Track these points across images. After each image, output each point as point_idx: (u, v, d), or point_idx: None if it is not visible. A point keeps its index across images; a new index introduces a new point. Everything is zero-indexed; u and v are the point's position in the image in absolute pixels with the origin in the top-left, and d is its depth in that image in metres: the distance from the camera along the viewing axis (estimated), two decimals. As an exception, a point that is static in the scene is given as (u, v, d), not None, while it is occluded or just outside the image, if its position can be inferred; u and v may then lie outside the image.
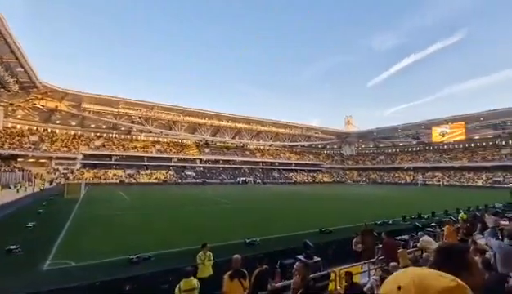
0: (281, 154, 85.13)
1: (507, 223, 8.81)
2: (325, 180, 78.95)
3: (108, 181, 52.35)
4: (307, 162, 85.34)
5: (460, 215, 12.74)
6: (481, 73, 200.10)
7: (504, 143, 62.25)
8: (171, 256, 9.10)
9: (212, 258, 7.15)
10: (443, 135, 68.67)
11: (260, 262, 4.99)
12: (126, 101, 59.97)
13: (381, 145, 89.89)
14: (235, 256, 4.89)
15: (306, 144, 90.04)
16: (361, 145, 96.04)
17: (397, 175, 74.71)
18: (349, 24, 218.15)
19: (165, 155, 65.99)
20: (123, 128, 67.15)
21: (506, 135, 61.79)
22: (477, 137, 66.59)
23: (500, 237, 5.50)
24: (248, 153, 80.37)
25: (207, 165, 70.57)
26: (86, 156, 56.26)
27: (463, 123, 64.70)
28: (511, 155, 58.27)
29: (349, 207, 23.53)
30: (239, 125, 76.02)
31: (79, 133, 62.64)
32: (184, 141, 75.40)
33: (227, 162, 73.50)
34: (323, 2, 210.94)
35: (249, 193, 36.41)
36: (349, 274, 5.17)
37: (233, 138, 79.97)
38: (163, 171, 61.92)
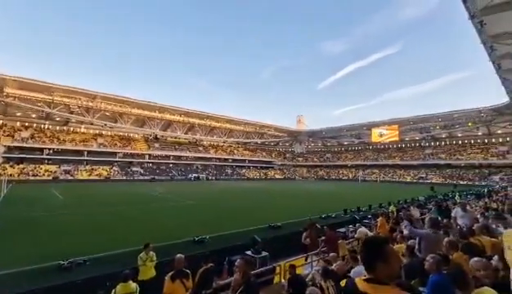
0: (235, 151, 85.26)
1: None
2: (277, 176, 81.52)
3: (39, 178, 46.05)
4: (260, 159, 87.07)
5: (391, 207, 14.25)
6: (414, 81, 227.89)
7: (427, 144, 71.91)
8: (110, 259, 8.33)
9: (155, 258, 6.75)
10: (381, 136, 76.56)
11: (205, 260, 4.85)
12: (63, 88, 52.56)
13: (328, 144, 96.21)
14: (178, 255, 4.67)
15: (259, 141, 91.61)
16: (310, 144, 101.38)
17: (341, 171, 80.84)
18: (303, 27, 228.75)
19: (109, 150, 60.68)
20: (58, 119, 59.52)
21: (429, 137, 71.51)
22: (407, 139, 75.57)
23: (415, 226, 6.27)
24: (201, 149, 78.61)
25: (156, 161, 66.99)
26: (10, 149, 48.60)
27: (397, 126, 72.89)
28: (432, 155, 67.65)
29: (298, 202, 24.63)
30: (192, 120, 73.59)
31: (0, 122, 53.73)
32: (131, 135, 70.32)
33: (179, 158, 70.88)
34: (279, 4, 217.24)
35: (201, 190, 35.62)
36: (293, 267, 5.35)
37: (186, 133, 77.20)
38: (106, 167, 56.87)
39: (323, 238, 8.84)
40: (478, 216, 7.00)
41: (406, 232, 5.10)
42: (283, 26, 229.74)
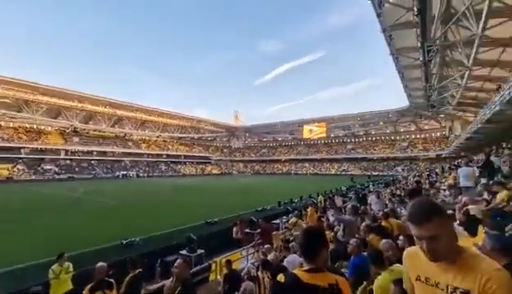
0: (169, 146, 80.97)
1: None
2: (214, 171, 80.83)
3: None
4: (197, 154, 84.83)
5: (319, 198, 15.62)
6: (339, 83, 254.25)
7: (349, 140, 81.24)
8: (16, 274, 6.90)
9: (71, 269, 5.82)
10: (311, 133, 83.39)
11: (132, 266, 4.38)
12: None
13: (264, 139, 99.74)
14: (99, 263, 4.10)
15: (196, 136, 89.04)
16: (247, 139, 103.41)
17: (276, 166, 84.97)
18: (239, 23, 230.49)
19: (11, 144, 50.34)
20: None
21: (350, 134, 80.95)
22: (333, 135, 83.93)
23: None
24: (131, 144, 72.11)
25: (76, 157, 58.71)
26: None
27: (325, 124, 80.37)
28: (353, 150, 76.84)
29: (235, 197, 24.84)
30: (120, 112, 66.60)
31: None
32: (42, 127, 59.80)
33: (104, 153, 63.52)
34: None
35: (130, 189, 32.67)
36: (229, 262, 5.29)
37: (112, 126, 69.54)
38: (7, 165, 47.15)
39: (258, 230, 9.08)
40: (387, 202, 8.18)
41: (332, 219, 5.57)
42: (218, 19, 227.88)
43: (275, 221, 11.08)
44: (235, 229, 9.83)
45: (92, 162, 60.57)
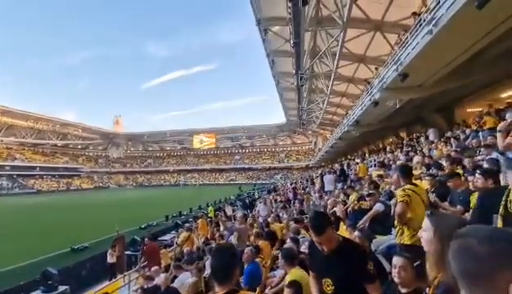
0: (17, 155, 62.12)
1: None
2: (84, 186, 67.69)
3: None
4: (61, 165, 68.86)
5: (209, 208, 15.60)
6: (228, 97, 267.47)
7: (237, 151, 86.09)
8: None
9: None
10: (201, 143, 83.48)
11: None
12: None
13: (150, 149, 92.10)
14: None
15: (59, 143, 72.23)
16: (130, 148, 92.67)
17: (163, 177, 79.73)
18: (124, 19, 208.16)
19: None
20: None
21: (238, 145, 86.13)
22: (222, 146, 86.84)
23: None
24: None
25: None
26: None
27: (214, 134, 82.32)
28: (240, 160, 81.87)
29: (111, 214, 21.41)
30: None
31: None
32: None
33: None
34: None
35: None
36: (105, 296, 4.40)
37: None
38: None
39: (143, 248, 8.08)
40: (273, 208, 9.06)
41: (225, 231, 5.61)
42: (99, 10, 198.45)
43: (163, 238, 10.20)
44: (109, 251, 8.35)
45: None
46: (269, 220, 6.47)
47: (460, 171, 4.36)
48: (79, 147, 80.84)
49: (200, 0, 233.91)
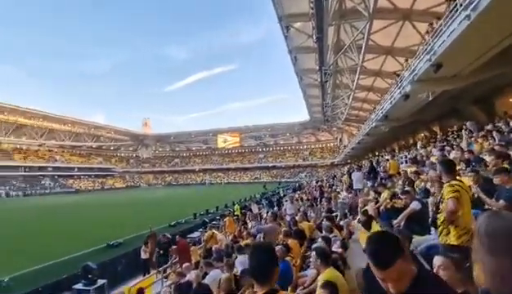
0: (57, 156, 67.09)
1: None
2: (117, 185, 71.52)
3: None
4: (96, 165, 73.38)
5: (235, 207, 15.77)
6: (250, 96, 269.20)
7: (260, 150, 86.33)
8: None
9: None
10: (225, 142, 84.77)
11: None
12: None
13: (177, 149, 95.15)
14: None
15: (94, 144, 77.10)
16: (158, 148, 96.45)
17: (189, 176, 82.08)
18: (150, 25, 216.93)
19: None
20: None
21: (262, 144, 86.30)
22: (246, 145, 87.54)
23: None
24: (-2, 154, 56.40)
25: None
26: None
27: (238, 133, 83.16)
28: (264, 158, 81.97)
29: (144, 212, 22.44)
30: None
31: None
32: None
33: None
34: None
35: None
36: (141, 290, 4.61)
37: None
38: None
39: (173, 247, 8.37)
40: (300, 207, 8.97)
41: (253, 230, 5.64)
42: (120, 15, 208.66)
43: (191, 235, 10.49)
44: (143, 248, 8.74)
45: None
46: (297, 218, 6.40)
47: (506, 166, 4.00)
48: (112, 148, 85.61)
49: (218, 0, 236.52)
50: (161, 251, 8.19)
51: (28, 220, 20.14)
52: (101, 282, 6.62)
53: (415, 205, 3.77)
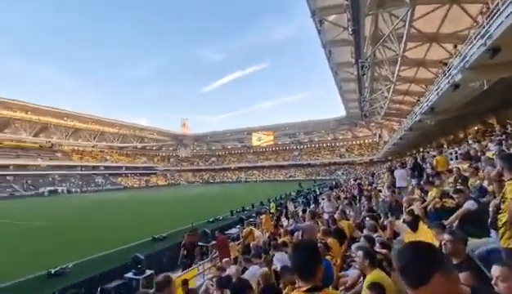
0: (108, 157, 73.64)
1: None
2: (160, 183, 76.17)
3: None
4: (140, 164, 79.00)
5: (271, 204, 15.86)
6: (282, 93, 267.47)
7: (295, 147, 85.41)
8: None
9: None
10: (259, 140, 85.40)
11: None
12: None
13: (213, 148, 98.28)
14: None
15: (139, 145, 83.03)
16: (196, 148, 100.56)
17: (225, 174, 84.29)
18: (184, 32, 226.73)
19: None
20: None
21: (296, 142, 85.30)
22: (280, 143, 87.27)
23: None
24: (60, 155, 63.51)
25: (-16, 173, 49.05)
26: None
27: (272, 132, 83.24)
28: (298, 156, 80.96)
29: (184, 208, 23.67)
30: (45, 119, 58.14)
31: None
32: None
33: (24, 167, 54.43)
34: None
35: (57, 207, 28.47)
36: (185, 282, 4.89)
37: (36, 135, 60.27)
38: None
39: (213, 242, 8.69)
40: (338, 205, 8.72)
41: (290, 228, 5.63)
42: (159, 25, 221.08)
43: (229, 231, 10.81)
44: (183, 242, 9.21)
45: (8, 177, 51.28)
46: (335, 216, 6.25)
47: None
48: (154, 148, 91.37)
49: (248, 0, 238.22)
50: (185, 252, 8.21)
51: (87, 213, 22.46)
52: (148, 272, 7.16)
53: (470, 205, 3.45)
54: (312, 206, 10.11)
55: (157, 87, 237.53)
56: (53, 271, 8.01)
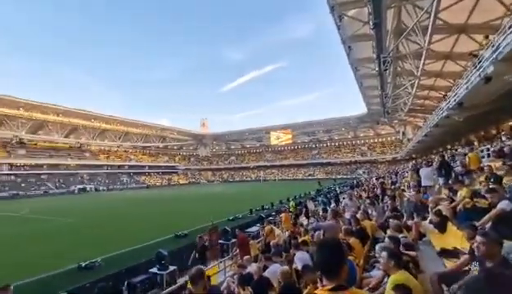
0: (132, 156, 76.55)
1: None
2: (181, 181, 78.10)
3: None
4: (162, 163, 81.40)
5: (290, 203, 15.77)
6: (300, 92, 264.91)
7: (314, 146, 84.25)
8: None
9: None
10: (278, 139, 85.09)
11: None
12: None
13: (232, 147, 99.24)
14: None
15: (161, 145, 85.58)
16: (215, 147, 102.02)
17: (244, 173, 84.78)
18: (202, 32, 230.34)
19: None
20: None
21: (315, 140, 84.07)
22: (299, 141, 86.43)
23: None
24: (88, 155, 66.86)
25: (22, 172, 52.71)
26: None
27: (290, 130, 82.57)
28: (318, 155, 79.77)
29: (204, 206, 24.11)
30: (74, 121, 61.49)
31: None
32: (-22, 139, 52.85)
33: (56, 166, 57.92)
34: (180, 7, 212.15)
35: (86, 204, 30.04)
36: (207, 278, 4.99)
37: (66, 137, 63.91)
38: None
39: (233, 240, 8.81)
40: (360, 204, 8.52)
41: (311, 226, 5.58)
42: (177, 26, 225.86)
43: (249, 230, 10.89)
44: (204, 238, 9.36)
45: (42, 176, 54.81)
46: (357, 216, 6.11)
47: None
48: (175, 148, 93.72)
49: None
50: (197, 255, 7.88)
51: (114, 211, 23.54)
52: (172, 267, 7.40)
53: (505, 205, 3.24)
54: (333, 205, 9.94)
55: (179, 88, 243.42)
56: (83, 264, 8.49)
